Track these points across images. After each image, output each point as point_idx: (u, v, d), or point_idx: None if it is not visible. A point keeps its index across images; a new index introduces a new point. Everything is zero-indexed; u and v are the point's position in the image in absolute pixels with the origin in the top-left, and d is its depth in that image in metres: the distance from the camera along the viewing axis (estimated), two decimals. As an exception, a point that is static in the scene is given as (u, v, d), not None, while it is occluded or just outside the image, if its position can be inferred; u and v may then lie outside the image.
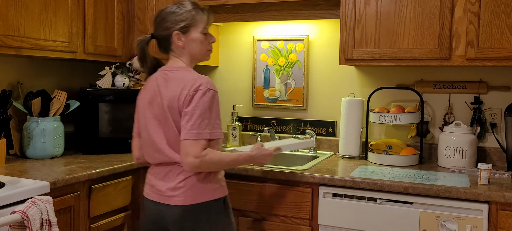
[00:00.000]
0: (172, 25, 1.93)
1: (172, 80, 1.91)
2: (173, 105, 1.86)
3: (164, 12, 1.95)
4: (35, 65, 2.76)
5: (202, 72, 3.27)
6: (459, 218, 2.01)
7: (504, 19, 2.22)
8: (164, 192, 1.91)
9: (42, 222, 1.78)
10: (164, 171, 1.93)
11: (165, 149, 1.89)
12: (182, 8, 1.94)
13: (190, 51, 1.97)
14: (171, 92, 1.88)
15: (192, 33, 1.95)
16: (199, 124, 1.80)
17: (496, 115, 2.59)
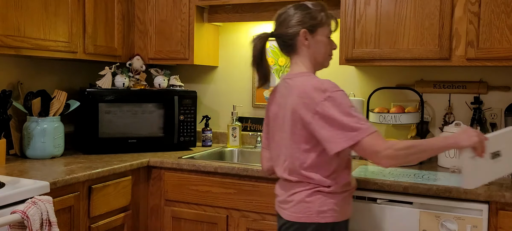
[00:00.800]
0: (300, 23, 1.82)
1: (294, 89, 1.78)
2: (297, 117, 1.74)
3: (290, 10, 1.85)
4: (35, 65, 2.76)
5: (202, 72, 3.29)
6: (459, 218, 2.01)
7: (504, 19, 2.22)
8: (280, 201, 1.88)
9: (42, 222, 1.78)
10: (284, 182, 1.87)
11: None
12: (312, 8, 1.85)
13: (313, 53, 1.85)
14: (294, 103, 1.75)
15: (319, 34, 1.85)
16: (356, 121, 1.66)
17: (496, 115, 2.59)
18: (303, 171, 1.77)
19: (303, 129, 1.74)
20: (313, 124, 1.70)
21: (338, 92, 1.69)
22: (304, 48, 1.84)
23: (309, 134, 1.73)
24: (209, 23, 3.05)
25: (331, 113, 1.66)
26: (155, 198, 2.63)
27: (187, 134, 2.93)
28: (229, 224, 2.46)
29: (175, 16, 2.92)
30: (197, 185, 2.51)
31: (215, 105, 3.27)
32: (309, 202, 1.77)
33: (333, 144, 1.67)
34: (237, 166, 2.42)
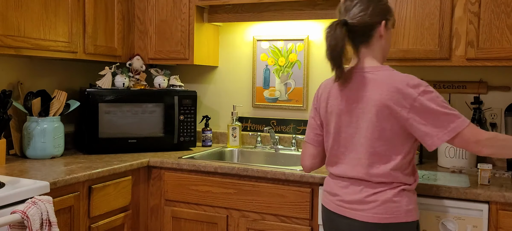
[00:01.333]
0: (380, 13, 1.73)
1: (380, 84, 1.68)
2: (387, 113, 1.66)
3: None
4: (35, 65, 2.76)
5: (202, 72, 3.29)
6: (459, 218, 2.01)
7: (504, 19, 2.22)
8: (349, 202, 1.74)
9: (42, 222, 1.78)
10: (357, 181, 1.74)
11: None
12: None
13: (384, 46, 1.78)
14: (383, 98, 1.66)
15: (390, 27, 1.80)
16: (452, 112, 1.64)
17: (496, 115, 2.59)
18: (390, 170, 1.69)
19: (396, 125, 1.66)
20: (410, 120, 1.64)
21: (429, 86, 1.67)
22: (378, 41, 1.76)
23: (401, 131, 1.67)
24: (209, 23, 3.05)
25: (430, 108, 1.63)
26: (155, 198, 2.63)
27: (187, 134, 2.93)
28: (229, 224, 2.46)
29: (175, 16, 2.92)
30: (197, 185, 2.51)
31: (215, 105, 3.27)
32: (396, 201, 1.69)
33: (435, 138, 1.63)
34: (237, 166, 2.42)
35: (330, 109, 1.81)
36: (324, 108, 1.84)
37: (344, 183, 1.78)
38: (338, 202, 1.78)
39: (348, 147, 1.76)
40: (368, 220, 1.69)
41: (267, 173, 2.34)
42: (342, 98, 1.76)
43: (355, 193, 1.74)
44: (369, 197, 1.71)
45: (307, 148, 1.95)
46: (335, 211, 1.79)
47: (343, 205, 1.76)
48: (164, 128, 2.87)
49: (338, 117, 1.78)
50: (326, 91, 1.84)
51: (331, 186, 1.83)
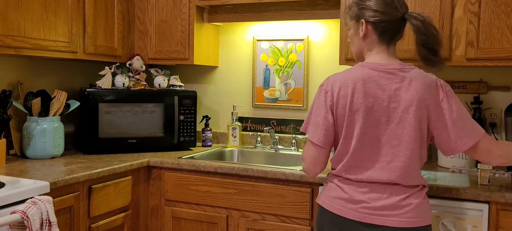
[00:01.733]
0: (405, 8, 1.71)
1: (416, 82, 1.64)
2: (424, 114, 1.63)
3: None
4: (35, 65, 2.76)
5: (203, 72, 3.29)
6: (459, 218, 2.01)
7: (504, 19, 2.22)
8: (378, 208, 1.63)
9: (42, 222, 1.78)
10: (385, 186, 1.65)
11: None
12: None
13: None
14: (421, 98, 1.63)
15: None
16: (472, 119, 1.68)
17: (496, 115, 2.59)
18: (418, 172, 1.67)
19: (426, 124, 1.65)
20: (437, 122, 1.64)
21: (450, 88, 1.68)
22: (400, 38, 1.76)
23: (428, 132, 1.67)
24: (209, 23, 3.05)
25: (455, 112, 1.63)
26: (155, 198, 2.63)
27: (187, 134, 2.93)
28: (229, 224, 2.46)
29: (175, 16, 2.92)
30: (197, 185, 2.51)
31: (215, 105, 3.27)
32: (425, 203, 1.68)
33: (459, 143, 1.63)
34: (237, 166, 2.42)
35: (355, 107, 1.64)
36: (344, 106, 1.65)
37: (367, 188, 1.66)
38: (363, 210, 1.64)
39: (375, 150, 1.64)
40: (403, 226, 1.60)
41: (267, 173, 2.34)
42: (366, 95, 1.63)
43: (386, 198, 1.63)
44: (403, 200, 1.63)
45: (318, 152, 1.72)
46: (360, 220, 1.63)
47: (371, 212, 1.63)
48: (164, 128, 2.87)
49: (365, 116, 1.64)
50: (348, 87, 1.65)
51: (348, 192, 1.68)
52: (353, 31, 1.78)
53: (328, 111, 1.68)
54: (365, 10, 1.69)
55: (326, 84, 1.70)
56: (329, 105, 1.68)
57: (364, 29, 1.71)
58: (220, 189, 2.46)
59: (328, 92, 1.68)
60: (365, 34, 1.72)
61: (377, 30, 1.70)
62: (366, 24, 1.70)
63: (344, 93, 1.65)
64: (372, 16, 1.68)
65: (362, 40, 1.74)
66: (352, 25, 1.77)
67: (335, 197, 1.71)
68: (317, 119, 1.70)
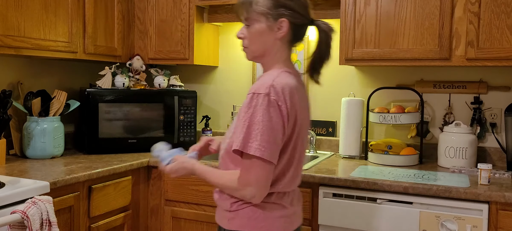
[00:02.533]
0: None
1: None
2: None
3: None
4: (35, 65, 2.76)
5: (203, 72, 3.29)
6: (459, 218, 2.01)
7: (504, 19, 2.22)
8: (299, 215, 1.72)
9: (42, 222, 1.78)
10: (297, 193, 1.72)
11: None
12: None
13: None
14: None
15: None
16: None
17: (496, 115, 2.59)
18: None
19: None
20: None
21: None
22: None
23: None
24: (209, 23, 3.05)
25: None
26: (155, 198, 2.63)
27: (187, 134, 2.93)
28: (229, 224, 2.46)
29: (175, 16, 2.92)
30: (197, 185, 2.51)
31: (215, 105, 3.27)
32: None
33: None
34: (237, 166, 2.41)
35: (296, 122, 1.57)
36: (295, 116, 1.56)
37: (293, 197, 1.68)
38: (300, 217, 1.73)
39: (302, 160, 1.67)
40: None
41: (267, 173, 2.34)
42: (304, 109, 1.63)
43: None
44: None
45: (269, 171, 1.51)
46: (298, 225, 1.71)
47: (300, 219, 1.73)
48: (164, 128, 2.87)
49: (303, 130, 1.62)
50: (294, 97, 1.55)
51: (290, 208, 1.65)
52: (263, 27, 1.58)
53: (285, 121, 1.52)
54: (286, 9, 1.56)
55: (274, 93, 1.50)
56: (286, 114, 1.51)
57: (284, 30, 1.58)
58: (220, 189, 2.46)
59: (289, 100, 1.52)
60: (284, 35, 1.59)
61: (293, 33, 1.60)
62: (289, 24, 1.58)
63: (297, 102, 1.56)
64: (295, 17, 1.58)
65: (277, 40, 1.60)
66: (263, 20, 1.58)
67: (292, 214, 1.64)
68: (275, 133, 1.49)
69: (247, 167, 1.49)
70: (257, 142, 1.46)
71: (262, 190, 1.52)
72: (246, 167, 1.50)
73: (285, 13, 1.56)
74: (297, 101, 1.55)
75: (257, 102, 1.49)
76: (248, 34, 1.62)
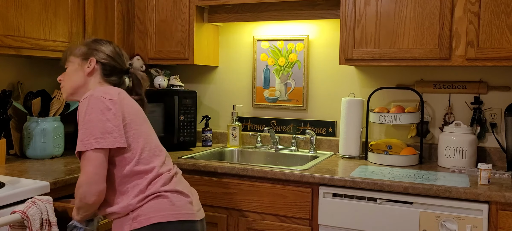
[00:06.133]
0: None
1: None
2: None
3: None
4: (35, 65, 2.76)
5: (203, 72, 3.29)
6: (459, 218, 2.01)
7: (504, 19, 2.22)
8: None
9: (42, 222, 1.78)
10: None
11: None
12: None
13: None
14: None
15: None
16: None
17: (496, 115, 2.59)
18: None
19: None
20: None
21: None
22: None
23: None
24: (209, 23, 3.05)
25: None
26: (155, 198, 2.63)
27: (187, 134, 2.93)
28: (229, 224, 2.46)
29: (175, 16, 2.92)
30: (197, 185, 2.51)
31: (215, 105, 3.27)
32: None
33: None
34: (237, 166, 2.42)
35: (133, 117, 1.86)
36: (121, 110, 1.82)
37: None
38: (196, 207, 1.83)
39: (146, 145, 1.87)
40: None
41: (267, 173, 2.34)
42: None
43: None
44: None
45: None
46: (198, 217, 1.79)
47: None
48: (164, 128, 2.87)
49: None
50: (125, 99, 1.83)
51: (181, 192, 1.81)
52: (76, 66, 1.87)
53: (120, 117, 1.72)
54: (96, 51, 1.87)
55: (105, 94, 1.72)
56: (119, 113, 1.72)
57: (92, 66, 1.84)
58: (220, 189, 2.46)
59: (116, 102, 1.72)
60: (91, 71, 1.85)
61: (103, 69, 1.86)
62: (96, 62, 1.85)
63: (127, 102, 1.79)
64: (103, 58, 1.86)
65: (87, 76, 1.85)
66: (76, 61, 1.87)
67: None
68: (114, 123, 1.69)
69: (91, 161, 1.71)
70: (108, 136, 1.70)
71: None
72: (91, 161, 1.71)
73: (95, 54, 1.86)
74: (126, 99, 1.81)
75: (90, 103, 1.72)
76: (64, 76, 1.91)
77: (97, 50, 1.88)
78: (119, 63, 1.91)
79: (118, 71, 1.91)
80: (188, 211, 1.72)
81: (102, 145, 1.65)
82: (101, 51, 1.88)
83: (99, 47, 1.88)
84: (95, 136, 1.65)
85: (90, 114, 1.67)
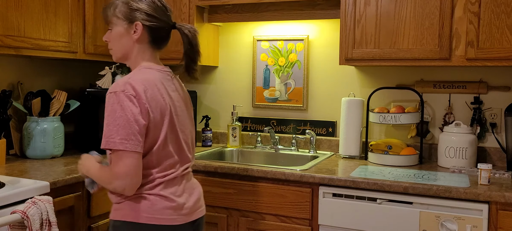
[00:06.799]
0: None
1: (180, 86, 1.94)
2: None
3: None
4: (35, 65, 2.76)
5: (203, 72, 3.29)
6: (459, 218, 2.01)
7: (504, 19, 2.22)
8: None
9: (42, 222, 1.78)
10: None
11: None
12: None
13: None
14: (187, 99, 1.94)
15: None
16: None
17: (496, 115, 2.59)
18: None
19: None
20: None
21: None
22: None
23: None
24: (209, 23, 3.05)
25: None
26: (155, 198, 2.63)
27: (187, 134, 2.93)
28: (229, 224, 2.46)
29: (175, 16, 2.91)
30: (197, 185, 2.51)
31: (215, 105, 3.27)
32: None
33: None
34: (237, 166, 2.42)
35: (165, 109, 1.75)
36: (156, 108, 1.69)
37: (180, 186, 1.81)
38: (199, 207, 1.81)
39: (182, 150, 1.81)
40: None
41: (267, 173, 2.34)
42: (170, 97, 1.81)
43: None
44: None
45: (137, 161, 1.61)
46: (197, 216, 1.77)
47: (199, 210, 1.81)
48: (164, 128, 2.86)
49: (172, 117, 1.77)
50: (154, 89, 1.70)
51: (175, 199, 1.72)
52: (121, 30, 1.71)
53: (141, 114, 1.60)
54: (138, 12, 1.69)
55: (130, 88, 1.60)
56: (142, 108, 1.60)
57: (139, 32, 1.70)
58: (220, 189, 2.46)
59: (137, 96, 1.60)
60: (139, 37, 1.71)
61: (151, 35, 1.73)
62: (143, 27, 1.70)
63: (153, 95, 1.65)
64: (147, 20, 1.70)
65: (135, 42, 1.72)
66: (120, 24, 1.71)
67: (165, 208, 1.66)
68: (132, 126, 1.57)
69: (115, 161, 1.58)
70: (119, 137, 1.56)
71: (131, 181, 1.58)
72: (114, 161, 1.58)
73: (138, 17, 1.69)
74: (156, 93, 1.66)
75: (114, 101, 1.59)
76: (109, 37, 1.76)
77: (138, 9, 1.69)
78: (165, 20, 1.75)
79: (166, 31, 1.77)
80: (166, 216, 1.64)
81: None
82: (142, 10, 1.69)
83: (138, 5, 1.69)
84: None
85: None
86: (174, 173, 1.69)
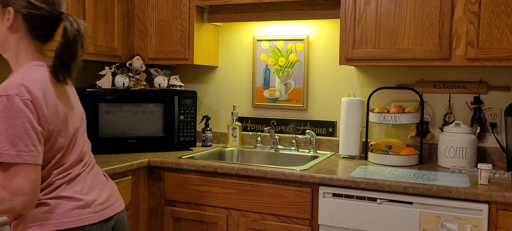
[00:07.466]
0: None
1: (70, 88, 1.69)
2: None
3: None
4: (35, 65, 2.75)
5: (203, 72, 3.29)
6: (459, 218, 2.01)
7: (504, 19, 2.22)
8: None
9: (42, 222, 1.78)
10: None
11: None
12: None
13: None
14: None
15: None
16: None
17: (496, 115, 2.59)
18: None
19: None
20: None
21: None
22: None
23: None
24: (209, 23, 3.05)
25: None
26: (155, 198, 2.63)
27: (187, 134, 2.93)
28: (229, 224, 2.46)
29: (175, 16, 2.92)
30: (197, 185, 2.51)
31: (215, 105, 3.27)
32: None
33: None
34: (237, 166, 2.42)
35: (63, 111, 1.54)
36: (55, 112, 1.49)
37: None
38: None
39: (80, 151, 1.63)
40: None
41: (267, 173, 2.34)
42: (64, 99, 1.58)
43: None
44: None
45: (37, 173, 1.41)
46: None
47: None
48: (164, 128, 2.87)
49: (68, 119, 1.56)
50: (51, 91, 1.50)
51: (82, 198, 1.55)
52: None
53: (37, 122, 1.40)
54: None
55: (22, 92, 1.38)
56: (37, 116, 1.40)
57: (11, 19, 1.46)
58: (220, 189, 2.46)
59: (32, 101, 1.39)
60: (12, 25, 1.47)
61: (27, 24, 1.48)
62: (15, 13, 1.46)
63: (50, 98, 1.46)
64: (23, 6, 1.45)
65: (9, 31, 1.48)
66: None
67: (71, 208, 1.49)
68: (29, 135, 1.37)
69: (10, 176, 1.36)
70: (15, 148, 1.34)
71: (34, 197, 1.39)
72: (10, 176, 1.36)
73: (13, 1, 1.45)
74: (51, 95, 1.47)
75: (6, 106, 1.35)
76: None
77: None
78: (46, 9, 1.48)
79: (48, 22, 1.50)
80: (73, 217, 1.48)
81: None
82: None
83: None
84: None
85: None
86: (75, 171, 1.52)
